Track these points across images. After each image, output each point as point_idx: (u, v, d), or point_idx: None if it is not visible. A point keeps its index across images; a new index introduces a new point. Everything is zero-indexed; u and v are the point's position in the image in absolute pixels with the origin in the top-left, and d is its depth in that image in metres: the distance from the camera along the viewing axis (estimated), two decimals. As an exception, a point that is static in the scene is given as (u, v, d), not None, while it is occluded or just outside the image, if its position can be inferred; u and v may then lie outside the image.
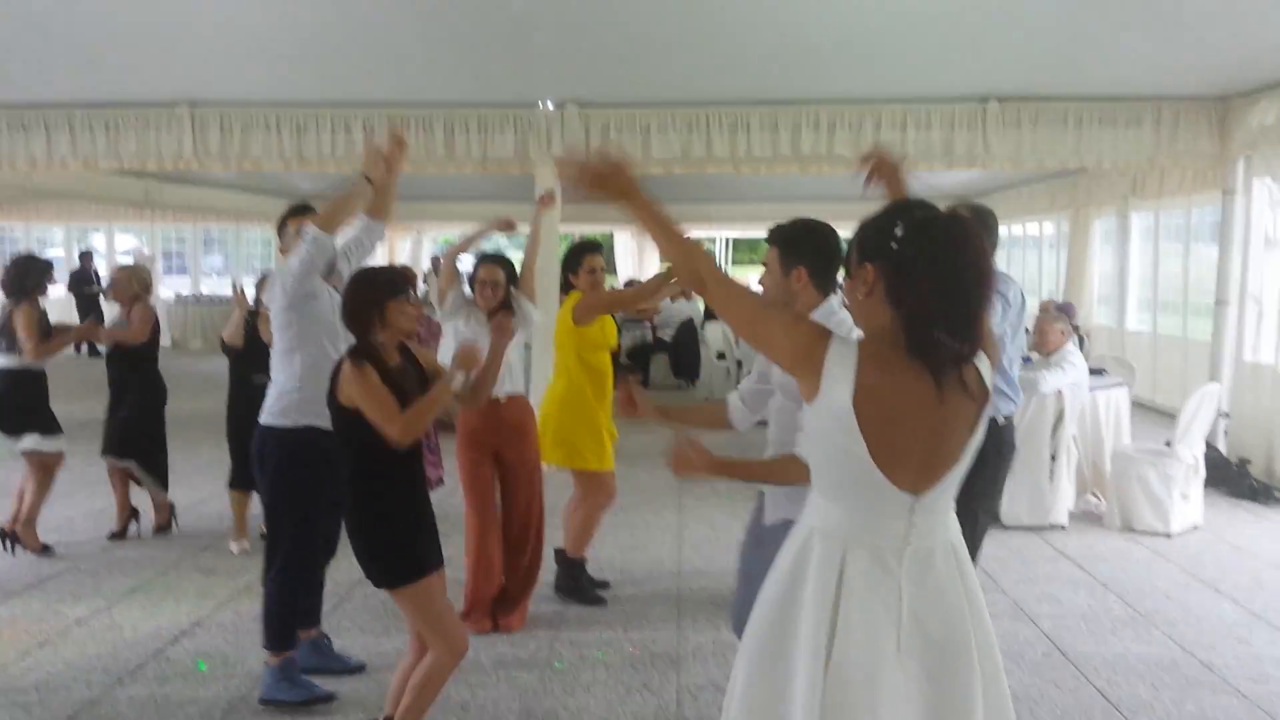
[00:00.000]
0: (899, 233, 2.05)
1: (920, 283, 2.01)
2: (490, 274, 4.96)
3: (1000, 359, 3.46)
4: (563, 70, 8.04)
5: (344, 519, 3.48)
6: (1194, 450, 6.76)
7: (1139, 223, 12.69)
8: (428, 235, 24.85)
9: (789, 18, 6.48)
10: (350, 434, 3.34)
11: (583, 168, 2.31)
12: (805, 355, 2.07)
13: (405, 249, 24.19)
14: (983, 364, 2.13)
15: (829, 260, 3.16)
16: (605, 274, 5.38)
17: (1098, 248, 13.54)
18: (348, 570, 4.32)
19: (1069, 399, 6.70)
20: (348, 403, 3.29)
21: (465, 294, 5.12)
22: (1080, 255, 13.52)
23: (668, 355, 14.28)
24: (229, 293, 19.54)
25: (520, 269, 5.20)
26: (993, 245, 3.98)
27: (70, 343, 6.53)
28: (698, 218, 20.83)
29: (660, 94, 8.70)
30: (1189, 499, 6.75)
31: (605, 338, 5.34)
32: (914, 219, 2.07)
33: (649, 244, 22.98)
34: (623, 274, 22.68)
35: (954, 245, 2.04)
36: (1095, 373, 7.65)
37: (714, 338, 13.12)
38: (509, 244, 47.53)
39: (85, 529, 6.70)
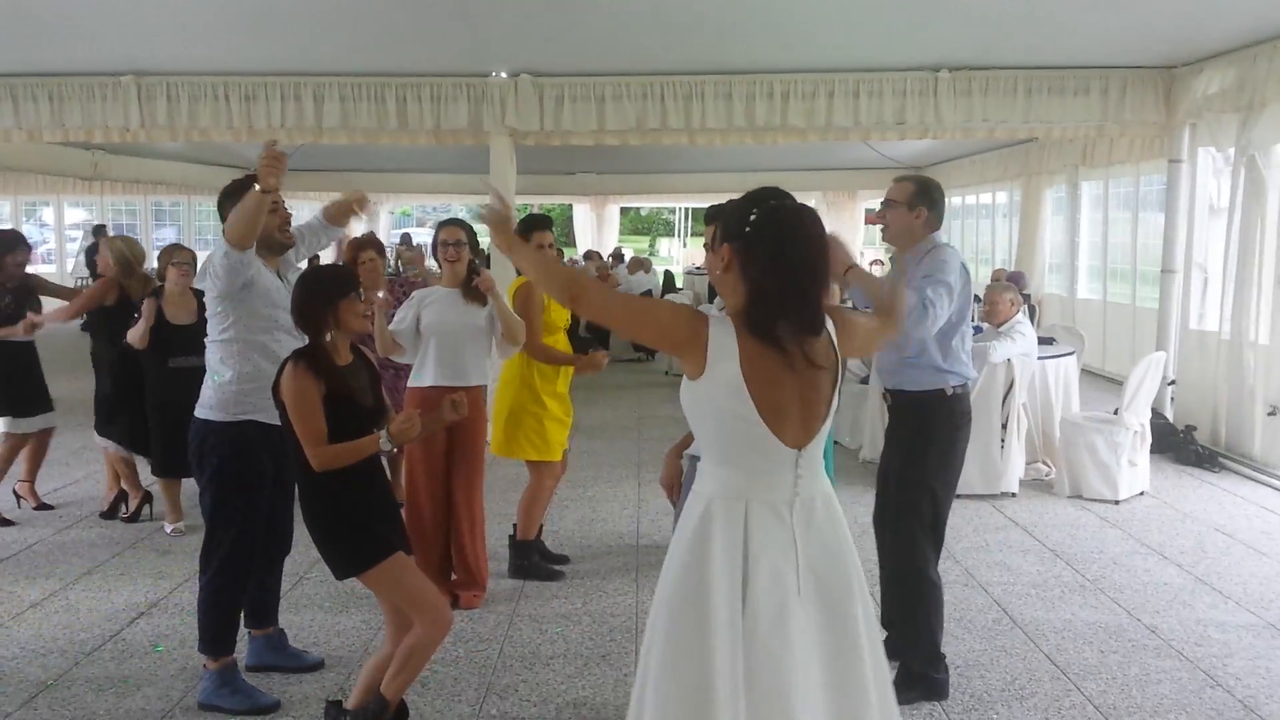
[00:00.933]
0: (752, 218, 2.34)
1: (761, 265, 2.31)
2: (451, 234, 4.91)
3: (915, 333, 3.73)
4: (516, 40, 7.96)
5: (302, 509, 3.45)
6: (1141, 418, 6.91)
7: (1089, 191, 12.87)
8: (384, 207, 24.59)
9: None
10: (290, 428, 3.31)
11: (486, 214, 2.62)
12: (690, 336, 2.33)
13: (363, 220, 23.93)
14: (834, 331, 2.43)
15: None
16: (557, 249, 5.36)
17: (1049, 217, 13.71)
18: (305, 551, 4.32)
19: (1019, 368, 6.81)
20: (285, 396, 3.26)
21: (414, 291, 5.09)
22: (1032, 224, 13.69)
23: (627, 326, 14.30)
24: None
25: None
26: (938, 217, 4.01)
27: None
28: (655, 188, 20.87)
29: (614, 64, 8.67)
30: (1136, 466, 6.90)
31: (555, 320, 5.30)
32: (766, 208, 2.35)
33: (606, 217, 22.98)
34: (581, 245, 22.63)
35: (791, 234, 2.32)
36: (1044, 342, 7.79)
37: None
38: (470, 215, 47.18)
39: (38, 513, 6.61)
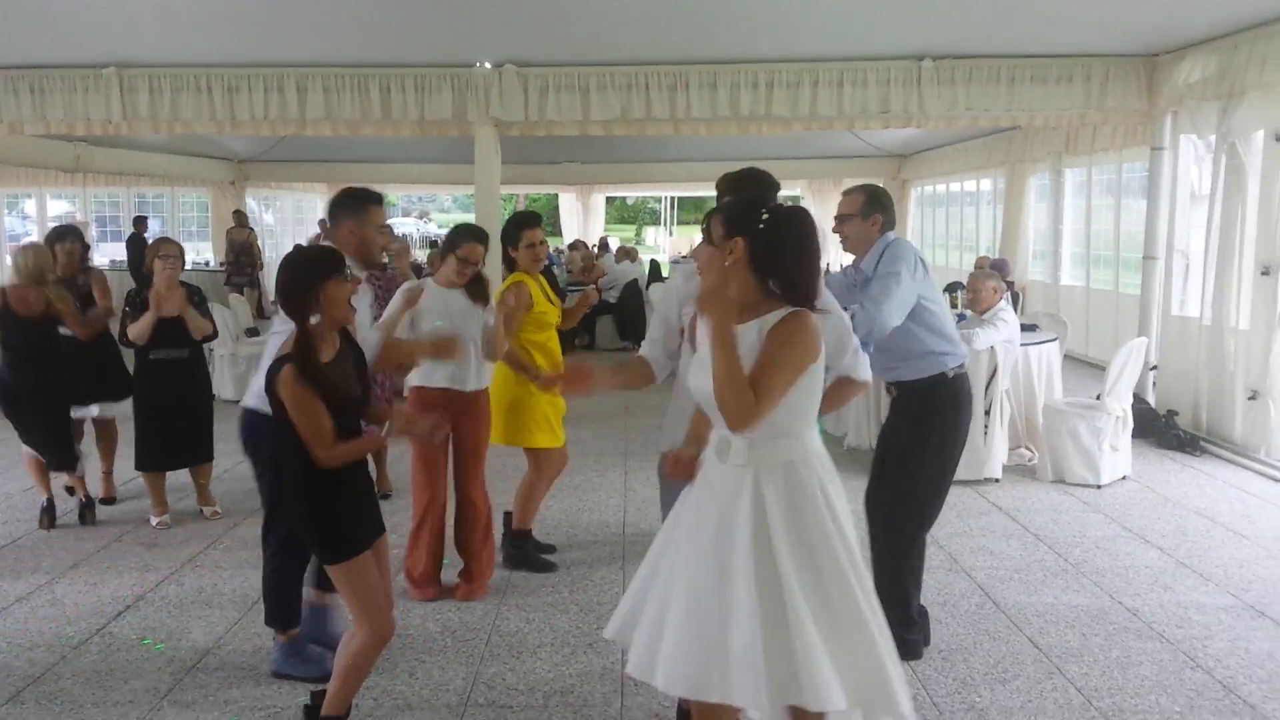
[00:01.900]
0: (765, 217, 2.71)
1: (784, 257, 2.70)
2: (475, 255, 4.80)
3: (868, 332, 3.87)
4: (500, 30, 7.95)
5: (283, 495, 3.46)
6: (1123, 403, 6.96)
7: (1072, 179, 12.92)
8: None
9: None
10: (284, 417, 3.27)
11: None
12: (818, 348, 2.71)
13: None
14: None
15: None
16: (545, 247, 5.36)
17: (1032, 204, 13.77)
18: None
19: (1002, 355, 6.85)
20: (283, 398, 3.22)
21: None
22: (1016, 211, 13.74)
23: (613, 317, 14.30)
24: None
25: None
26: (891, 219, 4.17)
27: None
28: (641, 177, 20.85)
29: (599, 54, 8.66)
30: (1118, 451, 6.96)
31: (547, 316, 5.31)
32: (776, 209, 2.75)
33: (592, 206, 22.94)
34: (567, 235, 22.60)
35: (799, 235, 2.73)
36: (1027, 328, 7.84)
37: (659, 299, 13.15)
38: (455, 205, 46.89)
39: (24, 506, 6.60)
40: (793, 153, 16.97)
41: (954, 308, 7.93)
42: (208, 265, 18.35)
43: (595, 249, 18.56)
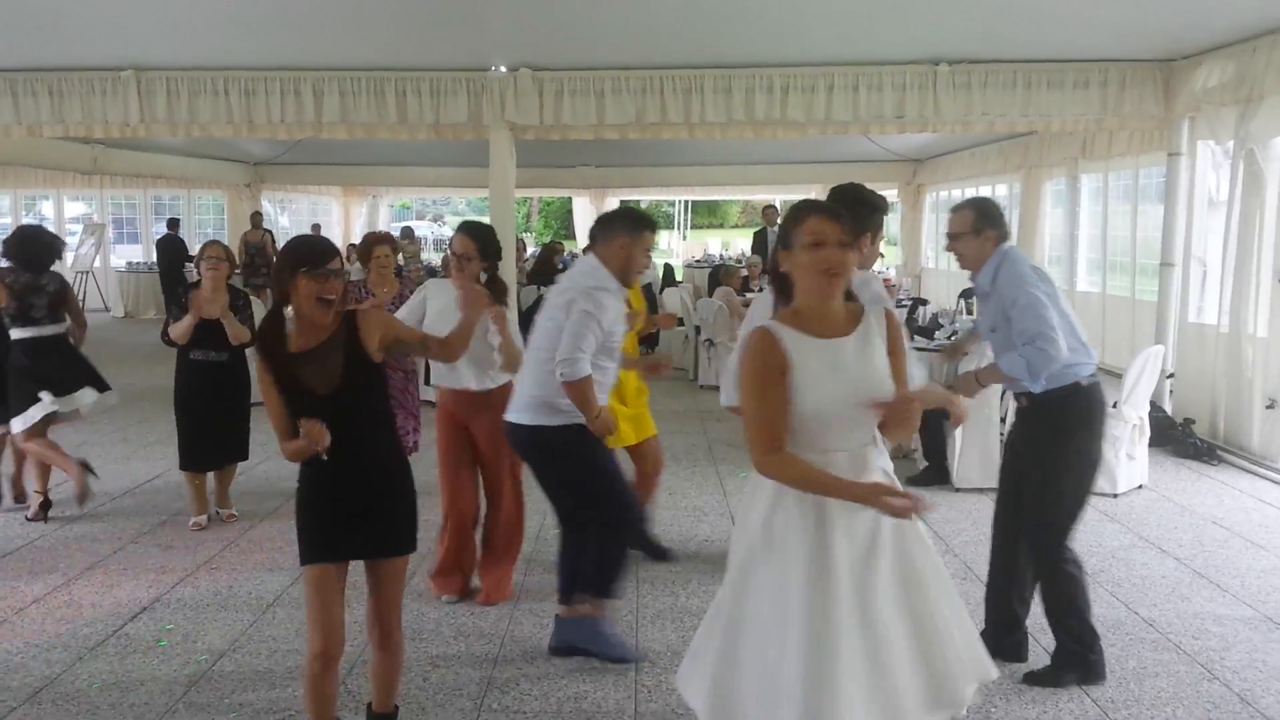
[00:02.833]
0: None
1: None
2: (464, 246, 4.74)
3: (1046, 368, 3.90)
4: (515, 33, 7.97)
5: None
6: (1139, 411, 6.92)
7: (1088, 184, 12.86)
8: (384, 200, 24.61)
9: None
10: None
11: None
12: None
13: (361, 214, 23.97)
14: None
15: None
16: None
17: (1048, 209, 13.71)
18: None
19: (1019, 362, 6.81)
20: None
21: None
22: (1031, 217, 13.68)
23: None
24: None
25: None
26: (1003, 230, 4.10)
27: None
28: (655, 181, 20.86)
29: (613, 57, 8.67)
30: (1135, 459, 6.91)
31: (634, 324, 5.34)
32: (791, 210, 2.78)
33: (606, 209, 22.96)
34: (581, 238, 22.63)
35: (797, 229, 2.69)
36: (1044, 335, 7.78)
37: (673, 303, 13.16)
38: (469, 208, 47.00)
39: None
40: (806, 157, 16.95)
41: (970, 314, 7.90)
42: (152, 268, 18.46)
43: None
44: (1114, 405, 6.99)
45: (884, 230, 4.05)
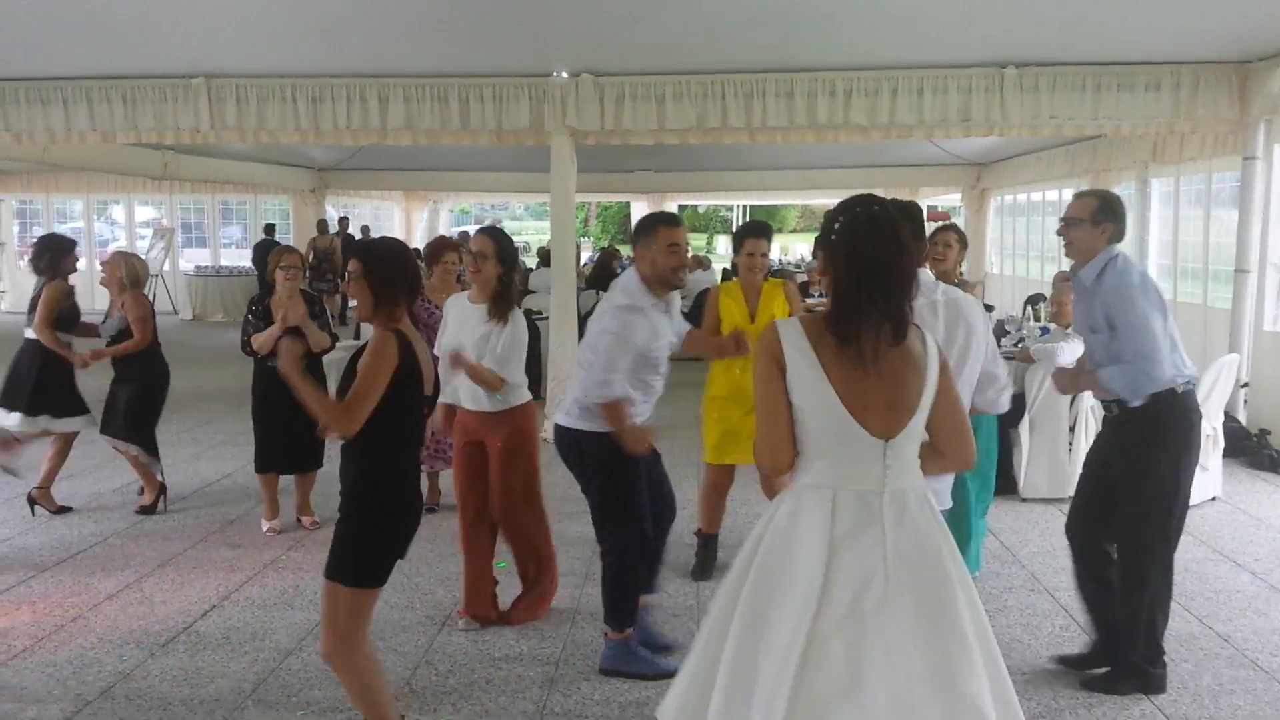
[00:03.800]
0: (836, 225, 2.50)
1: (838, 268, 2.46)
2: (480, 244, 4.65)
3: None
4: (577, 39, 8.00)
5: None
6: (1213, 421, 6.74)
7: (1159, 189, 12.57)
8: (444, 205, 24.85)
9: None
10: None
11: None
12: (779, 363, 2.47)
13: (423, 219, 24.23)
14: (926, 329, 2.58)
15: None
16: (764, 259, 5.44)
17: (1117, 214, 13.42)
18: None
19: (1087, 370, 6.68)
20: None
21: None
22: (1100, 221, 13.40)
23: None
24: (247, 264, 19.65)
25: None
26: (1122, 230, 4.05)
27: (68, 347, 6.46)
28: (713, 186, 20.79)
29: (675, 62, 8.66)
30: (1208, 470, 6.74)
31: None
32: (849, 214, 2.49)
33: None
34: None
35: (864, 239, 2.44)
36: (1114, 343, 7.63)
37: (731, 307, 13.10)
38: (527, 213, 47.32)
39: (114, 503, 6.81)
40: (867, 161, 16.79)
41: (1036, 320, 7.77)
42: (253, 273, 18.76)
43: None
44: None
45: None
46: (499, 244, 4.64)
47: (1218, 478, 6.88)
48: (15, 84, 9.07)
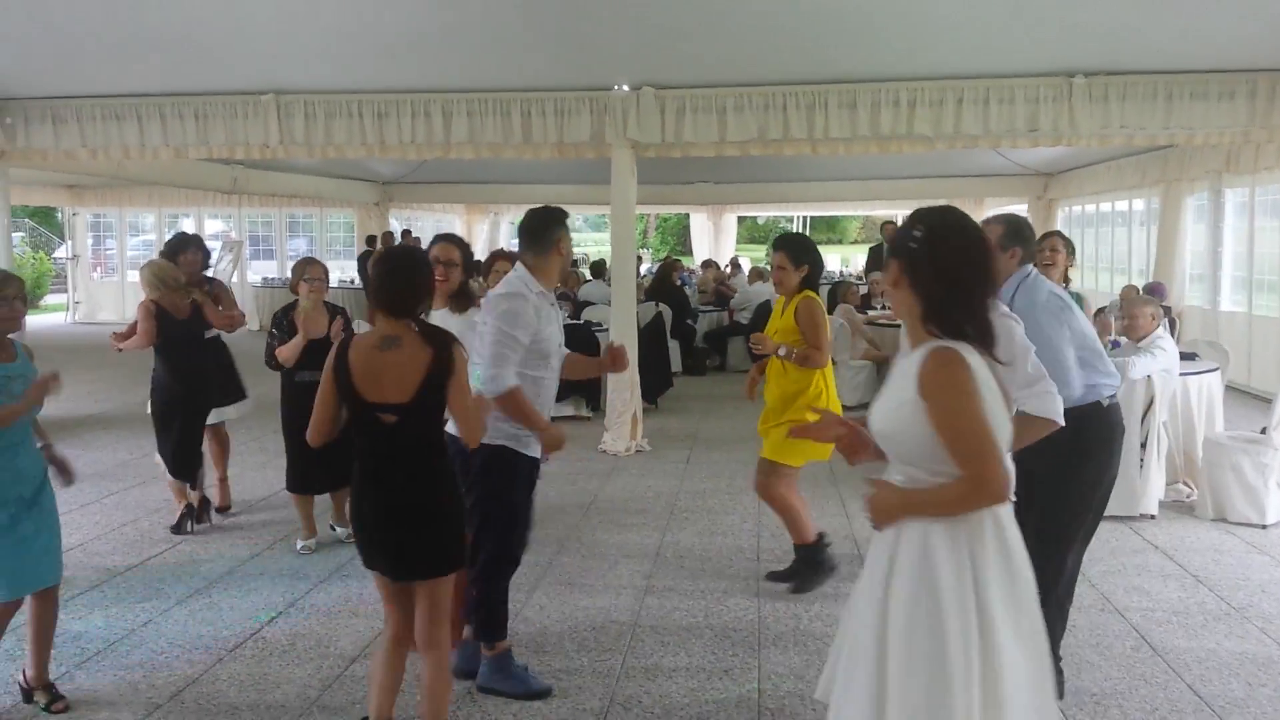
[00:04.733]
0: (917, 234, 2.45)
1: (929, 275, 2.41)
2: (448, 253, 4.69)
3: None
4: (638, 53, 8.03)
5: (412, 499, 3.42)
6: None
7: (1233, 199, 12.27)
8: (505, 217, 25.06)
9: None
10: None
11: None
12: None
13: (483, 231, 24.45)
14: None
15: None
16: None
17: (1190, 225, 13.13)
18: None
19: (1159, 385, 6.54)
20: None
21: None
22: (1171, 233, 13.13)
23: (745, 338, 14.23)
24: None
25: None
26: (1031, 252, 4.14)
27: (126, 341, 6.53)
28: (773, 197, 20.75)
29: (736, 74, 8.64)
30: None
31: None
32: (931, 223, 2.47)
33: (723, 226, 22.94)
34: (699, 254, 22.65)
35: (959, 245, 2.44)
36: (1186, 357, 7.45)
37: (791, 319, 13.01)
38: (586, 225, 47.46)
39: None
40: (929, 171, 16.63)
41: (1106, 333, 7.59)
42: (352, 283, 19.03)
43: (727, 269, 18.55)
44: (1262, 431, 6.65)
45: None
46: (464, 252, 4.79)
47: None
48: (93, 101, 9.34)
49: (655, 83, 8.86)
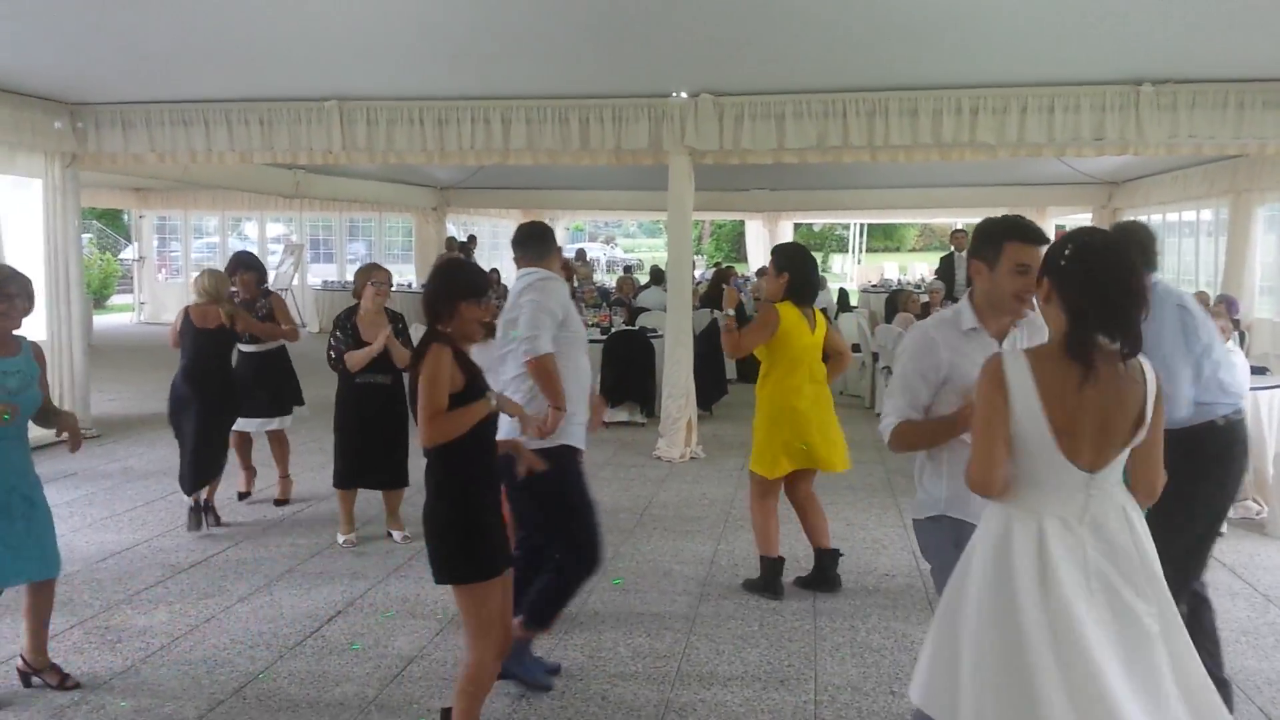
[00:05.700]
0: (1067, 252, 2.61)
1: (1077, 289, 2.55)
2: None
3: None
4: (696, 60, 8.01)
5: (424, 505, 3.51)
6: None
7: (1305, 209, 11.96)
8: (560, 223, 25.19)
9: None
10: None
11: None
12: (1004, 400, 2.59)
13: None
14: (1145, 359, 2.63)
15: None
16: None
17: (1260, 236, 12.79)
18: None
19: (1229, 399, 6.37)
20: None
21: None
22: (1240, 244, 12.80)
23: (800, 345, 14.13)
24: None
25: None
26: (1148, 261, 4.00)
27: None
28: (829, 204, 20.61)
29: (795, 81, 8.59)
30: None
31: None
32: (1079, 242, 2.61)
33: (779, 233, 22.84)
34: (754, 262, 22.57)
35: (1102, 260, 2.57)
36: (1257, 371, 7.27)
37: (848, 329, 12.94)
38: (640, 230, 47.53)
39: (245, 510, 7.06)
40: (991, 179, 16.41)
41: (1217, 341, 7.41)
42: (409, 287, 19.23)
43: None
44: (1338, 448, 6.46)
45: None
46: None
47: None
48: (160, 106, 9.54)
49: (713, 90, 8.85)
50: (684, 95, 8.94)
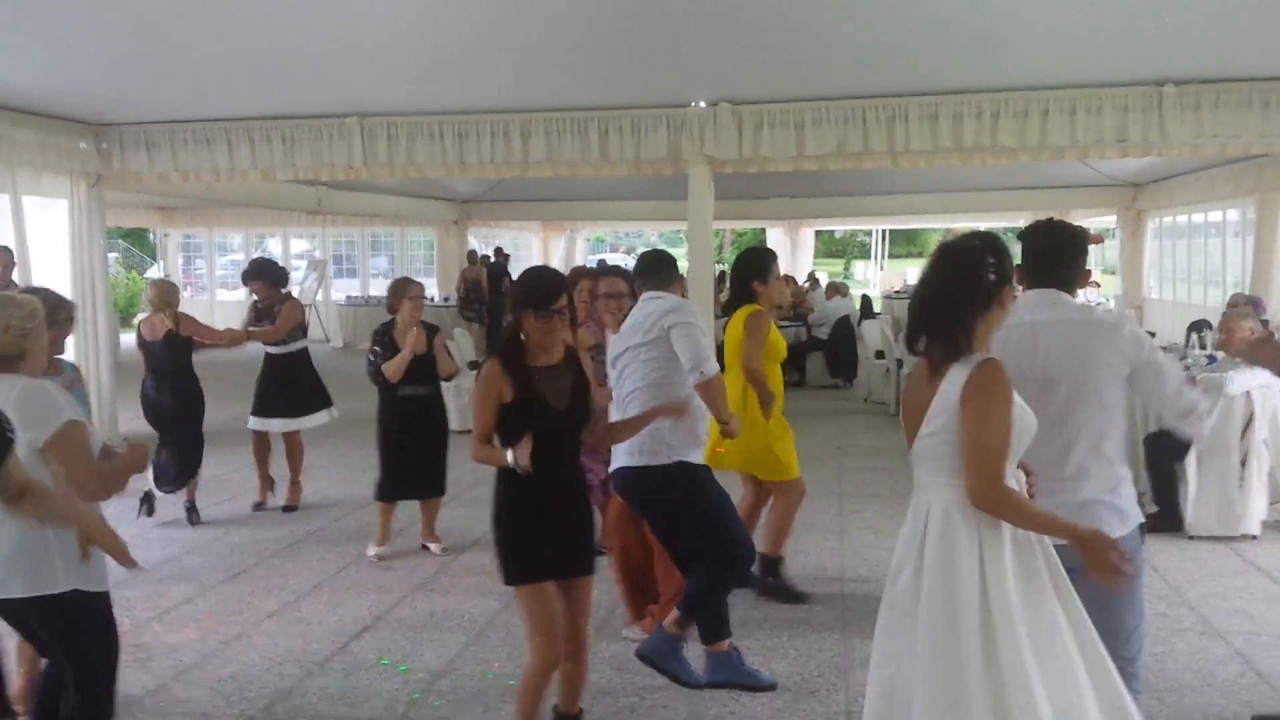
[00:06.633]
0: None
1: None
2: (612, 286, 5.08)
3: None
4: (715, 69, 8.00)
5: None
6: None
7: (1334, 207, 11.81)
8: (580, 234, 25.27)
9: (948, 3, 6.31)
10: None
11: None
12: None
13: (559, 247, 24.67)
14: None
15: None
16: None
17: (1287, 235, 12.65)
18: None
19: (1259, 401, 6.31)
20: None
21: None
22: (1268, 244, 12.65)
23: (824, 354, 14.10)
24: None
25: None
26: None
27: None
28: (851, 210, 20.57)
29: (814, 88, 8.57)
30: None
31: (777, 350, 5.36)
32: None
33: (800, 240, 22.79)
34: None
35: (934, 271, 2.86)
36: (1287, 371, 7.18)
37: (872, 336, 12.88)
38: (661, 240, 47.73)
39: (271, 525, 7.09)
40: (1014, 183, 16.30)
41: (1203, 349, 7.37)
42: (432, 300, 19.30)
43: (805, 285, 18.40)
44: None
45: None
46: (629, 281, 5.05)
47: None
48: (184, 125, 9.62)
49: (732, 98, 8.85)
50: (703, 104, 8.93)
